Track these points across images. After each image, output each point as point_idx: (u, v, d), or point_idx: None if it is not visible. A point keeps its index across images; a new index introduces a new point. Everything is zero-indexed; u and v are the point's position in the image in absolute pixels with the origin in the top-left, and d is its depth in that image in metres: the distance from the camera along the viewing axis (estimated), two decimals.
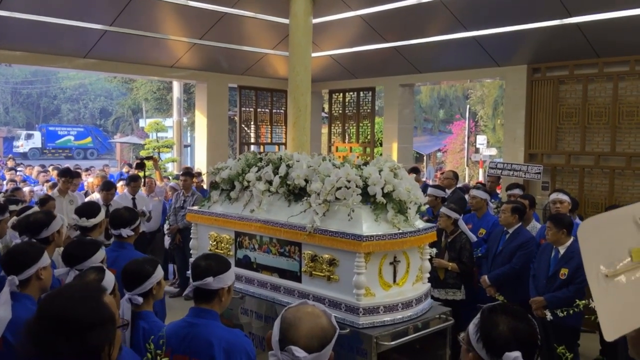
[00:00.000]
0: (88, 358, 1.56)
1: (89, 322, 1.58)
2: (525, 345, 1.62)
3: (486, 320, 1.70)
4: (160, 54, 9.31)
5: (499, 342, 1.63)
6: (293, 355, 1.68)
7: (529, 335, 1.65)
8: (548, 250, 5.10)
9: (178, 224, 8.07)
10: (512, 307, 1.73)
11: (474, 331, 1.71)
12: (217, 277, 2.53)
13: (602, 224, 1.11)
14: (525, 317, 1.70)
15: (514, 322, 1.66)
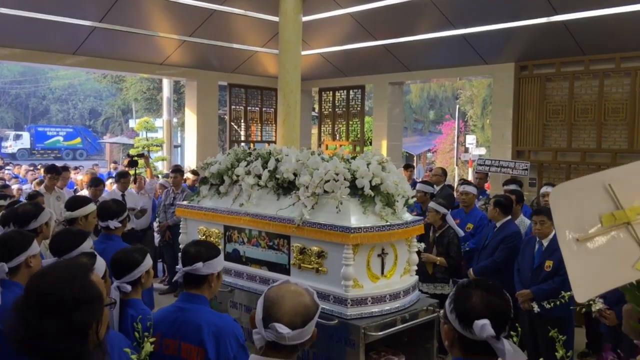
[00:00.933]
0: (76, 336, 1.56)
1: (76, 299, 1.57)
2: (497, 317, 1.66)
3: (460, 293, 1.76)
4: (150, 51, 9.31)
5: (470, 313, 1.68)
6: (277, 332, 1.71)
7: (500, 307, 1.70)
8: (531, 244, 5.17)
9: (167, 221, 8.07)
10: (486, 282, 1.78)
11: (449, 303, 1.77)
12: (207, 262, 2.56)
13: (572, 190, 1.14)
14: (498, 291, 1.75)
15: (486, 294, 1.71)
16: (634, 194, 1.11)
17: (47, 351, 1.53)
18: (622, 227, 1.10)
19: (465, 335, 1.70)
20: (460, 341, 1.74)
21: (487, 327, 1.62)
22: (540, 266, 4.99)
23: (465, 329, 1.69)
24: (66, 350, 1.54)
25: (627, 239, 1.10)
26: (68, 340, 1.54)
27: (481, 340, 1.66)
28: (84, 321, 1.58)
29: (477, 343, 1.69)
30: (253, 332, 1.80)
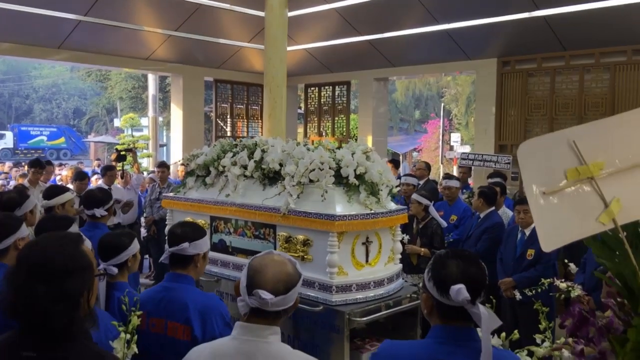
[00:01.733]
0: (68, 303, 1.59)
1: (68, 267, 1.61)
2: (472, 283, 1.73)
3: (437, 262, 1.84)
4: (136, 46, 9.29)
5: (447, 280, 1.75)
6: (260, 298, 1.77)
7: (475, 274, 1.77)
8: (514, 233, 5.27)
9: (154, 216, 8.07)
10: (462, 252, 1.86)
11: (427, 272, 1.84)
12: (193, 243, 2.60)
13: (539, 147, 1.21)
14: (474, 260, 1.82)
15: (462, 263, 1.78)
16: (597, 150, 1.18)
17: (40, 317, 1.56)
18: (586, 182, 1.16)
19: (443, 301, 1.77)
20: (438, 308, 1.81)
21: (462, 291, 1.69)
22: (523, 255, 5.10)
23: (443, 296, 1.76)
24: (59, 316, 1.56)
25: (591, 193, 1.16)
26: (60, 306, 1.56)
27: (458, 306, 1.73)
28: (75, 289, 1.61)
29: (454, 309, 1.75)
30: (237, 300, 1.85)
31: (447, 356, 1.76)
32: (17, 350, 1.58)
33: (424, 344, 1.86)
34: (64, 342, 1.59)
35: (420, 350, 1.84)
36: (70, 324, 1.58)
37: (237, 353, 1.79)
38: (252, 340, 1.80)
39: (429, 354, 1.79)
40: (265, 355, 1.78)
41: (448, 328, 1.80)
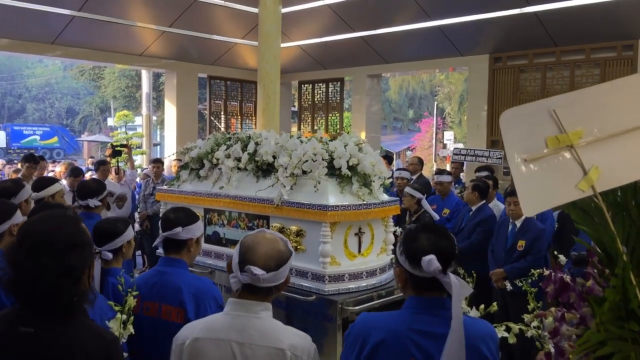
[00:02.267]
0: (72, 277, 1.62)
1: (72, 242, 1.64)
2: (442, 254, 1.79)
3: (408, 236, 1.89)
4: (129, 42, 9.30)
5: (418, 252, 1.81)
6: (252, 274, 1.81)
7: (445, 245, 1.84)
8: (505, 225, 5.34)
9: (147, 211, 8.09)
10: (431, 225, 1.91)
11: (399, 247, 1.90)
12: (186, 227, 2.63)
13: (520, 115, 1.25)
14: (443, 232, 1.89)
15: (432, 235, 1.85)
16: (577, 119, 1.22)
17: (44, 291, 1.58)
18: (565, 150, 1.20)
19: (415, 273, 1.83)
20: (412, 280, 1.86)
21: (433, 262, 1.75)
22: (513, 246, 5.16)
23: (415, 268, 1.82)
24: (64, 290, 1.59)
25: (570, 160, 1.21)
26: (65, 280, 1.59)
27: (430, 277, 1.79)
28: (78, 264, 1.65)
29: (427, 280, 1.81)
30: (230, 277, 1.89)
31: (422, 325, 1.81)
32: (15, 326, 1.61)
33: (399, 315, 1.91)
34: (63, 318, 1.62)
35: (395, 321, 1.88)
36: (72, 298, 1.61)
37: (229, 328, 1.83)
38: (243, 316, 1.84)
39: (403, 324, 1.84)
40: (257, 330, 1.82)
41: (422, 299, 1.85)
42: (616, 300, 1.18)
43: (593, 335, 1.16)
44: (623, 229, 1.29)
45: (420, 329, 1.81)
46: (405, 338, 1.81)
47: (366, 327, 1.90)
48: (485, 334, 1.86)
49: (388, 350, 1.81)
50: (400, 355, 1.80)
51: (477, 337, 1.81)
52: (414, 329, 1.82)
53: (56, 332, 1.60)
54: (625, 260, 1.20)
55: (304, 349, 1.84)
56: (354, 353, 1.88)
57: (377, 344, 1.82)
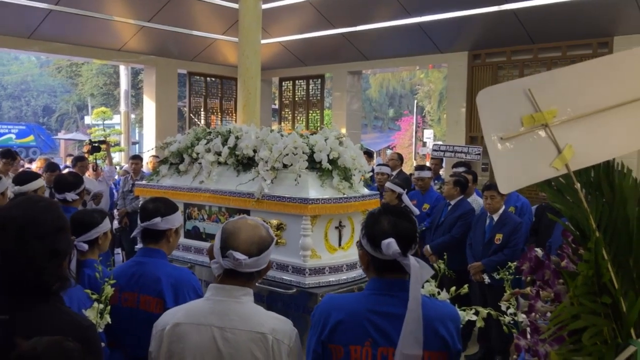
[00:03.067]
0: (56, 262, 1.60)
1: (58, 225, 1.63)
2: (402, 236, 1.82)
3: (369, 219, 1.92)
4: (108, 37, 9.18)
5: (378, 235, 1.83)
6: (234, 259, 1.80)
7: (405, 228, 1.86)
8: (483, 219, 5.41)
9: (126, 208, 8.01)
10: (393, 208, 1.94)
11: (361, 230, 1.93)
12: (165, 218, 2.61)
13: (496, 94, 1.27)
14: (404, 215, 1.92)
15: (393, 218, 1.87)
16: (551, 98, 1.24)
17: (30, 277, 1.56)
18: (540, 129, 1.23)
19: (376, 256, 1.85)
20: (373, 262, 1.89)
21: (392, 245, 1.78)
22: (491, 240, 5.23)
23: (376, 250, 1.84)
24: (49, 275, 1.58)
25: (545, 139, 1.23)
26: (50, 265, 1.58)
27: (390, 260, 1.82)
28: (63, 248, 1.63)
29: (387, 262, 1.84)
30: (211, 263, 1.88)
31: (381, 306, 1.84)
32: None
33: (360, 296, 1.94)
34: (39, 305, 1.60)
35: (355, 302, 1.91)
36: (56, 282, 1.60)
37: (210, 313, 1.83)
38: (225, 301, 1.84)
39: (362, 305, 1.87)
40: (238, 315, 1.82)
41: (382, 280, 1.88)
42: (589, 275, 1.21)
43: (567, 309, 1.18)
44: (596, 208, 1.32)
45: (378, 309, 1.84)
46: (363, 318, 1.83)
47: (328, 308, 1.93)
48: (444, 315, 1.88)
49: (346, 330, 1.84)
50: (358, 335, 1.82)
51: (435, 318, 1.83)
52: (372, 309, 1.84)
53: (32, 318, 1.58)
54: (597, 235, 1.23)
55: (285, 332, 1.85)
56: (316, 333, 1.90)
57: (336, 324, 1.85)
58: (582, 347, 1.24)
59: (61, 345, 1.31)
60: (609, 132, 1.24)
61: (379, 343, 1.80)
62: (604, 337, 1.27)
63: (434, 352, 1.80)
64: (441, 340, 1.82)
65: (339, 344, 1.84)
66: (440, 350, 1.82)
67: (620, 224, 1.33)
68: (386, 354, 1.79)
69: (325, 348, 1.87)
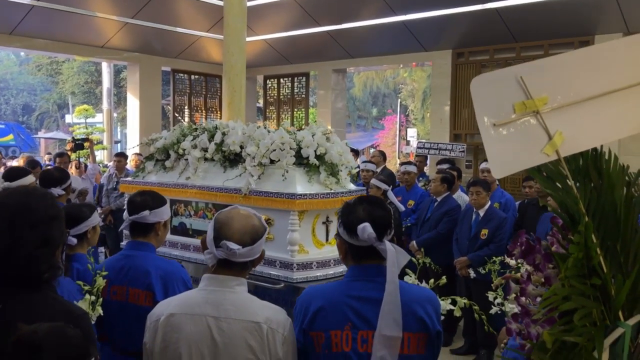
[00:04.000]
0: (50, 250, 1.60)
1: (52, 214, 1.62)
2: (377, 222, 1.86)
3: (345, 208, 1.97)
4: (91, 33, 9.09)
5: (354, 222, 1.87)
6: (227, 249, 1.81)
7: (380, 215, 1.90)
8: (469, 215, 5.48)
9: (110, 205, 7.95)
10: (368, 197, 1.99)
11: (338, 219, 1.99)
12: (154, 211, 2.60)
13: (490, 81, 1.30)
14: (379, 203, 1.97)
15: (368, 206, 1.92)
16: (542, 86, 1.27)
17: (21, 264, 1.55)
18: (532, 115, 1.26)
19: (353, 243, 1.90)
20: (351, 250, 1.93)
21: (367, 228, 1.82)
22: (477, 235, 5.30)
23: (352, 237, 1.88)
24: (41, 263, 1.57)
25: (536, 126, 1.26)
26: (43, 253, 1.57)
27: (367, 246, 1.86)
28: (56, 237, 1.63)
29: (364, 249, 1.88)
30: (204, 253, 1.89)
31: (359, 291, 1.88)
32: None
33: (339, 283, 1.99)
34: (32, 293, 1.59)
35: (334, 289, 1.95)
36: (48, 270, 1.59)
37: (205, 303, 1.83)
38: (219, 290, 1.85)
39: (341, 291, 1.91)
40: (232, 304, 1.82)
41: (360, 267, 1.92)
42: (579, 257, 1.24)
43: (558, 290, 1.22)
44: (584, 194, 1.35)
45: (357, 294, 1.87)
46: (342, 304, 1.87)
47: (309, 297, 1.96)
48: (422, 297, 1.92)
49: (326, 317, 1.87)
50: (338, 321, 1.86)
51: (413, 300, 1.86)
52: (351, 295, 1.88)
53: (25, 306, 1.57)
54: (587, 220, 1.26)
55: (279, 322, 1.86)
56: (298, 324, 1.93)
57: (316, 311, 1.88)
58: (573, 327, 1.27)
59: (63, 331, 1.31)
60: (597, 120, 1.28)
61: (359, 327, 1.84)
62: (593, 319, 1.30)
63: (413, 334, 1.83)
64: (420, 321, 1.86)
65: (319, 330, 1.87)
66: (419, 332, 1.85)
67: (608, 209, 1.36)
68: (366, 337, 1.82)
69: (306, 336, 1.90)
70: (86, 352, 1.31)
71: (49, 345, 1.26)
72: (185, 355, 1.78)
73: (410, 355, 1.83)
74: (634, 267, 1.31)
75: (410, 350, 1.83)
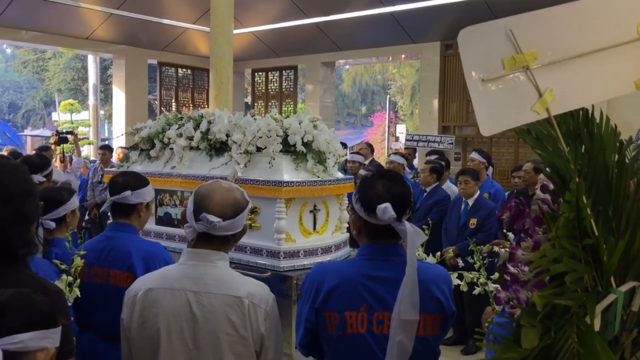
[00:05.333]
0: (25, 226, 1.56)
1: (25, 190, 1.57)
2: (397, 201, 1.78)
3: (364, 184, 1.87)
4: (75, 24, 8.95)
5: (373, 199, 1.79)
6: (208, 222, 1.75)
7: (400, 193, 1.81)
8: (458, 204, 5.46)
9: (95, 199, 7.85)
10: (387, 172, 1.92)
11: (354, 195, 1.89)
12: (136, 191, 2.54)
13: (478, 34, 1.25)
14: (399, 179, 1.88)
15: (387, 182, 1.83)
16: (532, 40, 1.23)
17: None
18: (522, 71, 1.21)
19: (370, 221, 1.81)
20: (366, 228, 1.85)
21: (388, 209, 1.74)
22: (466, 224, 5.28)
23: (370, 215, 1.80)
24: (16, 237, 1.53)
25: (526, 82, 1.21)
26: (17, 228, 1.54)
27: (384, 225, 1.78)
28: (31, 212, 1.59)
29: (381, 227, 1.81)
30: (184, 227, 1.83)
31: (375, 271, 1.82)
32: None
33: (353, 262, 1.92)
34: (3, 267, 1.54)
35: (348, 267, 1.89)
36: (23, 246, 1.56)
37: (184, 277, 1.78)
38: (199, 265, 1.79)
39: (356, 270, 1.84)
40: (213, 279, 1.77)
41: (375, 246, 1.85)
42: (570, 218, 1.20)
43: (548, 251, 1.17)
44: (576, 157, 1.31)
45: (372, 274, 1.81)
46: (357, 283, 1.80)
47: (320, 275, 1.88)
48: (437, 277, 1.87)
49: (341, 296, 1.80)
50: (353, 300, 1.79)
51: (429, 280, 1.81)
52: (367, 274, 1.82)
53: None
54: (578, 179, 1.22)
55: (262, 297, 1.81)
56: (308, 301, 1.86)
57: (331, 290, 1.81)
58: (564, 291, 1.23)
59: (28, 297, 1.25)
60: (589, 78, 1.23)
61: (375, 308, 1.78)
62: (585, 284, 1.26)
63: (429, 314, 1.78)
64: (436, 302, 1.81)
65: (333, 310, 1.80)
66: (435, 312, 1.81)
67: (599, 173, 1.32)
68: (382, 319, 1.77)
69: (319, 316, 1.83)
70: (53, 319, 1.26)
71: (12, 310, 1.20)
72: (164, 331, 1.73)
73: (426, 336, 1.78)
74: (626, 232, 1.27)
75: (427, 331, 1.79)
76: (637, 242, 1.29)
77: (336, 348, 1.81)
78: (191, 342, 1.72)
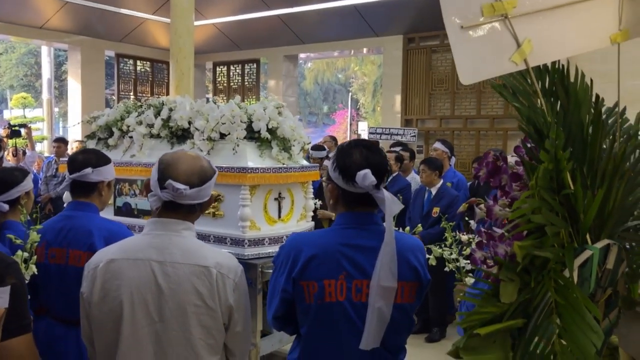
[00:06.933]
0: None
1: None
2: (375, 169, 1.78)
3: (341, 152, 1.87)
4: (28, 12, 8.60)
5: (352, 167, 1.78)
6: (173, 190, 1.68)
7: (378, 161, 1.82)
8: (421, 193, 5.51)
9: (50, 193, 7.57)
10: (363, 141, 1.92)
11: (332, 163, 1.87)
12: (97, 169, 2.44)
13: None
14: (375, 148, 1.88)
15: (365, 150, 1.83)
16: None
17: None
18: (500, 19, 1.20)
19: (348, 189, 1.81)
20: (344, 196, 1.85)
21: (369, 175, 1.73)
22: (429, 212, 5.33)
23: (348, 183, 1.79)
24: None
25: (505, 31, 1.20)
26: None
27: (362, 193, 1.78)
28: None
29: (359, 195, 1.81)
30: (148, 196, 1.75)
31: (353, 239, 1.81)
32: None
33: (330, 230, 1.91)
34: None
35: (326, 236, 1.87)
36: None
37: (148, 247, 1.70)
38: (164, 234, 1.72)
39: (334, 239, 1.83)
40: (179, 248, 1.70)
41: (352, 214, 1.85)
42: (549, 168, 1.19)
43: (529, 201, 1.16)
44: (552, 113, 1.30)
45: (351, 242, 1.81)
46: (336, 252, 1.79)
47: (297, 245, 1.86)
48: (414, 246, 1.88)
49: (320, 264, 1.79)
50: (331, 269, 1.78)
51: (406, 249, 1.82)
52: (345, 242, 1.81)
53: None
54: (556, 129, 1.21)
55: (230, 267, 1.75)
56: (284, 272, 1.83)
57: (309, 259, 1.79)
58: (543, 243, 1.23)
59: None
60: (567, 30, 1.23)
61: (354, 276, 1.78)
62: (561, 240, 1.26)
63: (407, 282, 1.80)
64: (413, 270, 1.82)
65: (312, 279, 1.78)
66: (412, 280, 1.82)
67: (575, 129, 1.32)
68: (360, 286, 1.77)
69: (296, 285, 1.80)
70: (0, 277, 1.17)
71: None
72: (127, 303, 1.65)
73: (403, 304, 1.80)
74: (601, 188, 1.28)
75: (404, 299, 1.80)
76: (612, 199, 1.29)
77: (314, 317, 1.79)
78: (156, 314, 1.65)
